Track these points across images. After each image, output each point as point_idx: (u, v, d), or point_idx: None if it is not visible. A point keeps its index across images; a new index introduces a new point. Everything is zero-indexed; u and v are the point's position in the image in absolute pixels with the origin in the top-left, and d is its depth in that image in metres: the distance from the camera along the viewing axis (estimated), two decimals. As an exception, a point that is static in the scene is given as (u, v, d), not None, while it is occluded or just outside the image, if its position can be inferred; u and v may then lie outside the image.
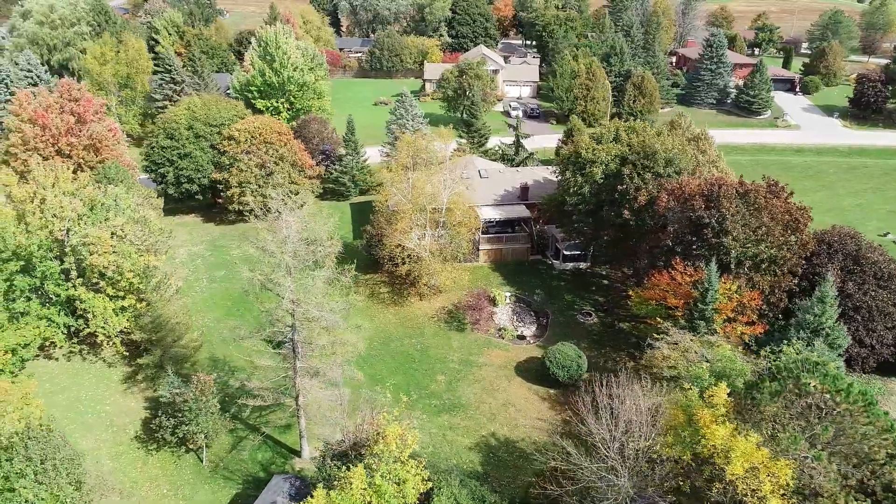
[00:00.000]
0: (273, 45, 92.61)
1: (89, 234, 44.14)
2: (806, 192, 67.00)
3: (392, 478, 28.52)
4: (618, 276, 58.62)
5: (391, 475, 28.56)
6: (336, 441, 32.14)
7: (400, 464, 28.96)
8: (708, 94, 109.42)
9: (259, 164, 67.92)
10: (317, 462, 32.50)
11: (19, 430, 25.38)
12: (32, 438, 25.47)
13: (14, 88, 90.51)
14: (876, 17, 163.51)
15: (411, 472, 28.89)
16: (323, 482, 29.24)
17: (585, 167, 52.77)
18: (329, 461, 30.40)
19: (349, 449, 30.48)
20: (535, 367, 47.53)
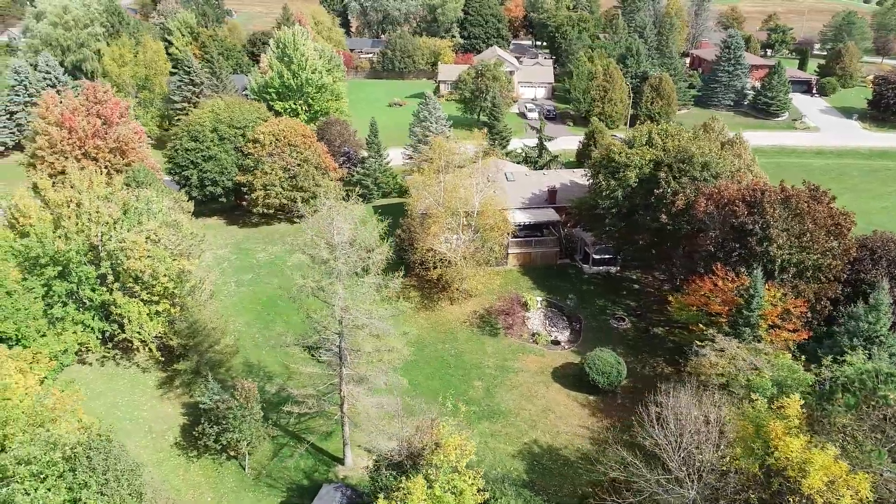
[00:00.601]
0: (291, 46, 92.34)
1: (126, 238, 43.85)
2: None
3: (450, 488, 28.26)
4: (648, 281, 58.44)
5: (449, 485, 28.30)
6: (389, 450, 31.80)
7: (458, 474, 28.70)
8: (725, 95, 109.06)
9: (283, 166, 67.68)
10: (369, 471, 32.16)
11: (82, 440, 25.06)
12: (94, 448, 25.16)
13: (32, 90, 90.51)
14: (888, 18, 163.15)
15: (468, 482, 28.62)
16: (381, 492, 28.92)
17: (619, 171, 52.43)
18: (385, 471, 30.06)
19: (405, 458, 30.15)
20: (572, 372, 47.22)
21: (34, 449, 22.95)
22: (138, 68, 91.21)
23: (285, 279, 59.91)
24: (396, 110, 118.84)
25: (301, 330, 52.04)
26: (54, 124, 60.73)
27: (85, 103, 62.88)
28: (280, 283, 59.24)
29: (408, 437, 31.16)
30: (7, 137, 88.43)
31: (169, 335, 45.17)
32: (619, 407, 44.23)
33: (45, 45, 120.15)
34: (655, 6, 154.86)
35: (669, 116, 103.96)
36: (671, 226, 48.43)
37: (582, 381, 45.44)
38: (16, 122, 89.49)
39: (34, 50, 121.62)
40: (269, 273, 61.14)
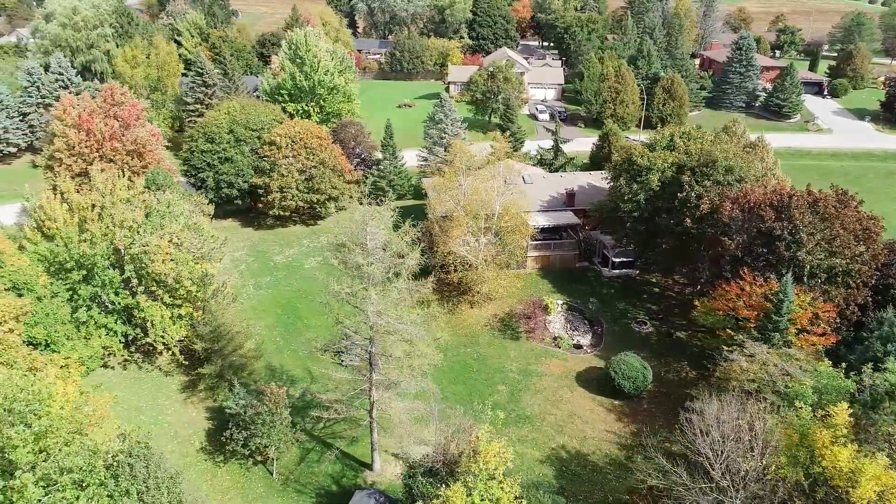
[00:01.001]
0: (303, 48, 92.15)
1: (149, 242, 43.72)
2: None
3: (488, 496, 28.06)
4: (668, 285, 58.23)
5: (487, 493, 28.10)
6: (423, 456, 31.63)
7: (495, 482, 28.49)
8: (737, 97, 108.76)
9: (300, 169, 67.55)
10: (404, 477, 31.97)
11: (123, 447, 24.88)
12: (135, 456, 24.99)
13: (45, 91, 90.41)
14: (892, 19, 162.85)
15: (506, 491, 28.42)
16: (417, 500, 28.75)
17: (641, 174, 52.22)
18: (421, 477, 29.88)
19: (442, 465, 29.97)
20: (596, 377, 47.04)
21: (77, 458, 22.77)
22: (150, 70, 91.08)
23: (304, 282, 60.06)
24: (406, 111, 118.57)
25: (322, 333, 52.24)
26: (72, 126, 60.60)
27: (102, 105, 62.73)
28: (299, 286, 59.27)
29: (443, 444, 30.96)
30: (20, 139, 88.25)
31: (193, 339, 45.03)
32: (646, 412, 44.06)
33: (54, 46, 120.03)
34: (664, 7, 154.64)
35: (681, 118, 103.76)
36: (695, 230, 48.19)
37: (607, 386, 45.26)
38: (28, 123, 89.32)
39: (44, 51, 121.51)
40: (288, 276, 61.03)
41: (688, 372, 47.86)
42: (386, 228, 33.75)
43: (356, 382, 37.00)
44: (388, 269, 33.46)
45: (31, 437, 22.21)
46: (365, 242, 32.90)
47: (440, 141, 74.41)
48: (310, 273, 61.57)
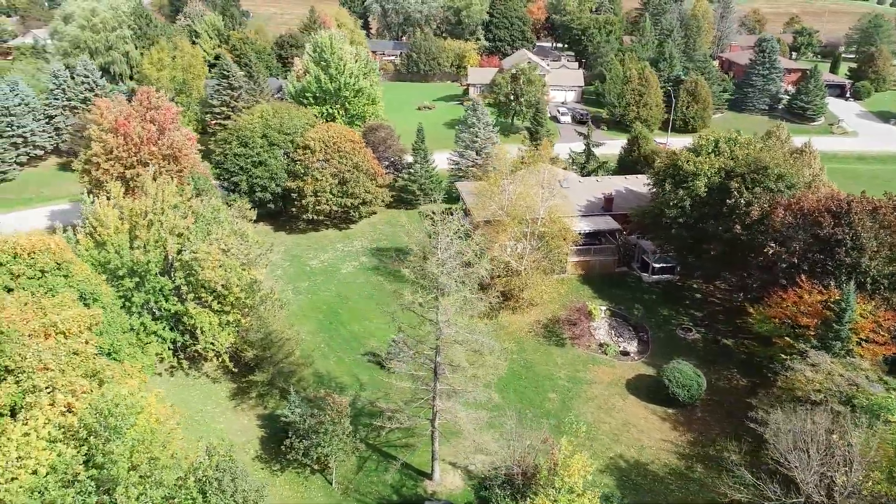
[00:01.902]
0: (328, 50, 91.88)
1: (200, 248, 43.45)
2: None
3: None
4: (710, 291, 57.88)
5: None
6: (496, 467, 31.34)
7: (576, 495, 28.22)
8: (760, 99, 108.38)
9: (334, 173, 67.30)
10: (477, 489, 31.67)
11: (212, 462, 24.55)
12: (222, 469, 24.70)
13: (71, 94, 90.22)
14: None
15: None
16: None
17: (686, 180, 51.89)
18: (498, 490, 29.58)
19: (519, 476, 29.68)
20: (646, 384, 46.73)
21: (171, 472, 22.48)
22: (176, 72, 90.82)
23: (342, 286, 59.81)
24: (426, 114, 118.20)
25: (367, 340, 52.09)
26: (109, 131, 60.31)
27: (138, 109, 62.45)
28: (338, 291, 59.02)
29: (519, 455, 30.67)
30: (46, 141, 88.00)
31: (244, 346, 44.77)
32: (700, 421, 43.73)
33: (73, 48, 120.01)
34: (680, 8, 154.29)
35: (705, 121, 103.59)
36: (745, 236, 47.86)
37: (659, 394, 44.92)
38: (54, 126, 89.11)
39: (62, 52, 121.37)
40: (325, 281, 60.75)
41: (738, 380, 47.55)
42: (456, 237, 33.28)
43: (418, 392, 36.69)
44: (460, 278, 33.09)
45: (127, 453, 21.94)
46: (437, 252, 32.46)
47: (472, 144, 74.09)
48: (347, 278, 61.34)
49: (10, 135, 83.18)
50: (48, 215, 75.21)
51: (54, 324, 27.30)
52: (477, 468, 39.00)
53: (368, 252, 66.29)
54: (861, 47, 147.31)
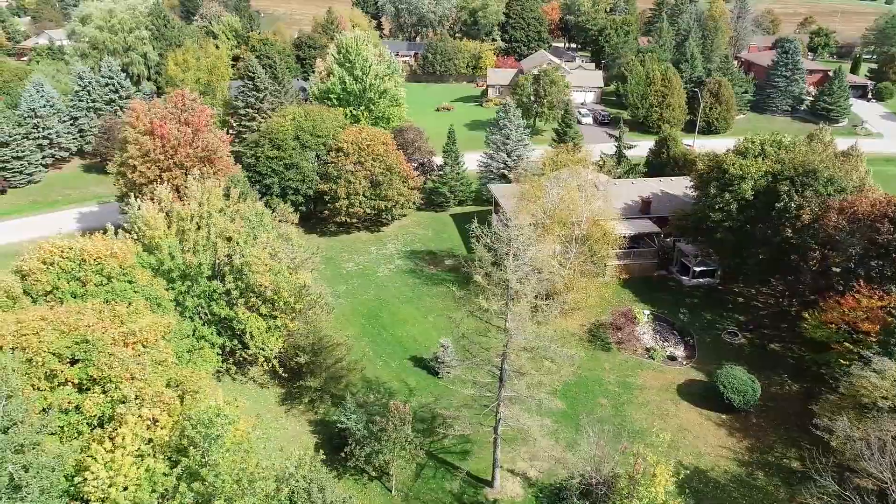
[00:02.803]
0: (354, 51, 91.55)
1: (252, 252, 43.11)
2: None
3: (656, 520, 27.47)
4: (752, 294, 57.50)
5: (655, 518, 27.51)
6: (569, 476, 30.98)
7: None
8: (783, 101, 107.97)
9: (367, 175, 66.96)
10: (550, 497, 31.30)
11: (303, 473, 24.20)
12: (307, 479, 24.34)
13: (95, 95, 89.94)
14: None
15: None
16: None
17: (732, 183, 51.51)
18: (576, 500, 29.23)
19: (600, 486, 29.31)
20: (698, 389, 46.36)
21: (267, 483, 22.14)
22: (201, 73, 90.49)
23: (381, 290, 59.47)
24: (445, 115, 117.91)
25: (411, 344, 51.73)
26: (145, 133, 59.95)
27: (173, 111, 62.11)
28: (376, 295, 58.67)
29: (596, 464, 30.31)
30: (70, 143, 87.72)
31: (296, 351, 44.42)
32: (756, 427, 43.32)
33: (91, 49, 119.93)
34: (696, 9, 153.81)
35: (728, 122, 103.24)
36: (795, 240, 47.48)
37: (712, 399, 44.54)
38: (78, 127, 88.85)
39: (80, 53, 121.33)
40: (362, 284, 60.40)
41: (789, 385, 47.14)
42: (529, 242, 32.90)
43: (481, 398, 36.33)
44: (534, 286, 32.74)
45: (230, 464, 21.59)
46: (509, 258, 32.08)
47: (504, 147, 73.73)
48: (384, 281, 60.98)
49: (36, 136, 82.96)
50: (77, 217, 74.93)
51: (133, 332, 26.93)
52: (536, 475, 38.75)
53: (403, 255, 65.93)
54: (879, 48, 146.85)
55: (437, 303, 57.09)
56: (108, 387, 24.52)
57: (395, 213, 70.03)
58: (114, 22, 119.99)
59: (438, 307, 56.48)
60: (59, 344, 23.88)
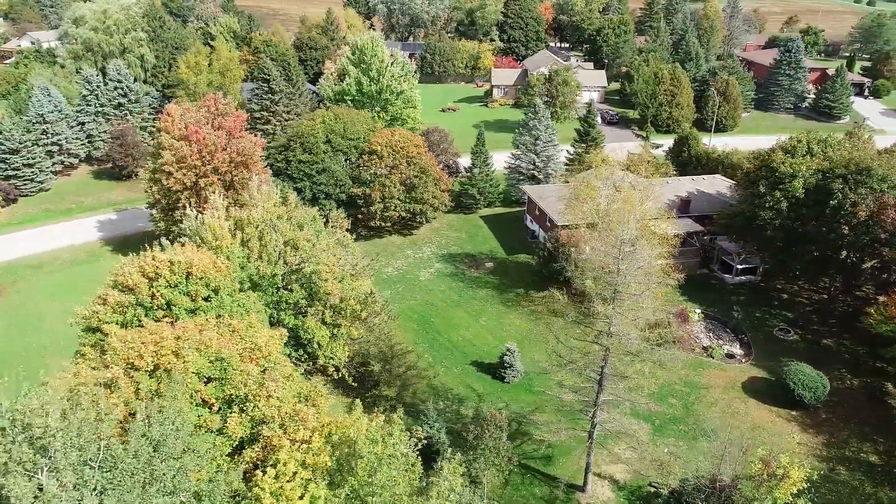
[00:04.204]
0: (369, 52, 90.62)
1: (321, 260, 42.19)
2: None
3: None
4: (795, 291, 58.28)
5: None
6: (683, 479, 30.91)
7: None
8: (786, 98, 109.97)
9: (402, 178, 66.26)
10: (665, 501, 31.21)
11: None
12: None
13: (104, 99, 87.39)
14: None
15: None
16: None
17: (782, 181, 52.13)
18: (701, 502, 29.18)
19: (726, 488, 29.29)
20: (762, 387, 46.78)
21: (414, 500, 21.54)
22: (213, 76, 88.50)
23: (426, 294, 58.89)
24: (450, 115, 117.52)
25: (466, 348, 51.26)
26: (180, 138, 58.35)
27: (206, 115, 60.58)
28: (423, 299, 58.05)
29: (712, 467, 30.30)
30: (79, 149, 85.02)
31: (364, 359, 43.62)
32: (827, 422, 43.86)
33: (85, 51, 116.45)
34: (689, 9, 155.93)
35: (735, 120, 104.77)
36: (851, 237, 48.22)
37: (778, 396, 45.02)
38: (87, 133, 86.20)
39: (74, 56, 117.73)
40: (407, 289, 59.69)
41: (850, 380, 47.83)
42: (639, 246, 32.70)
43: (576, 403, 36.11)
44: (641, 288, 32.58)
45: (399, 482, 20.94)
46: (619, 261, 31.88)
47: (533, 147, 73.57)
48: (428, 285, 60.36)
49: (45, 143, 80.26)
50: (96, 226, 72.74)
51: (258, 347, 25.96)
52: (624, 478, 38.69)
53: (441, 258, 65.36)
54: (865, 47, 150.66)
55: (487, 306, 56.72)
56: (245, 406, 23.54)
57: (428, 216, 69.39)
58: (109, 23, 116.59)
59: (489, 311, 56.15)
60: (200, 363, 22.85)
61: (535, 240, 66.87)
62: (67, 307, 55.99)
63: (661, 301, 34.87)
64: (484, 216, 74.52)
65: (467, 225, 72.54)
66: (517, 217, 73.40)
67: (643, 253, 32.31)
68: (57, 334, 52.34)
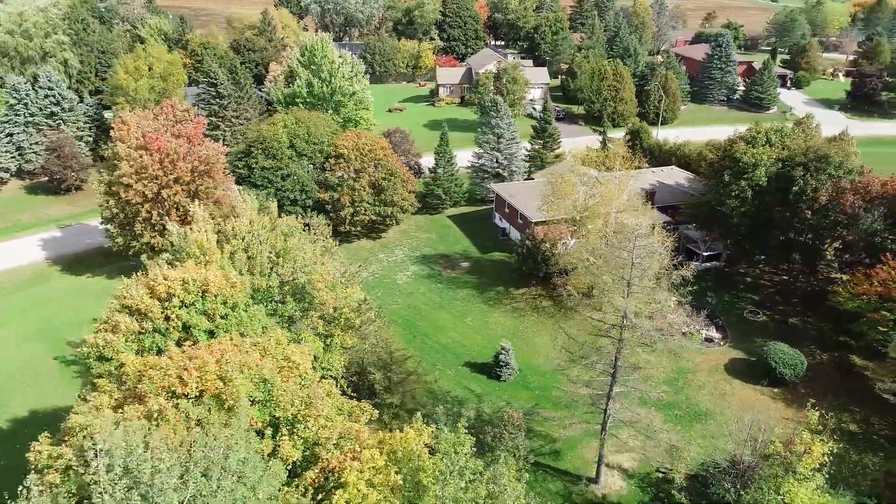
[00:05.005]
0: (319, 53, 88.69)
1: (315, 270, 40.96)
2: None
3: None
4: (756, 274, 61.35)
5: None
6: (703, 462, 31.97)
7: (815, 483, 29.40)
8: (719, 91, 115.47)
9: (371, 181, 65.26)
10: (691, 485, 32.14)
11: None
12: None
13: (34, 108, 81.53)
14: (813, 16, 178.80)
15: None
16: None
17: (746, 171, 54.71)
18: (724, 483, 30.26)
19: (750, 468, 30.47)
20: (743, 367, 48.97)
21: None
22: (154, 81, 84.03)
23: (406, 298, 58.29)
24: (397, 115, 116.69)
25: (457, 350, 51.10)
26: (138, 148, 55.16)
27: (165, 123, 57.57)
28: (405, 303, 57.44)
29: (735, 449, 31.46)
30: (10, 163, 78.89)
31: (361, 368, 42.64)
32: (806, 397, 46.26)
33: (1, 56, 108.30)
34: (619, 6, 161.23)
35: (675, 113, 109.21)
36: (813, 221, 51.19)
37: (759, 375, 47.26)
38: (16, 144, 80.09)
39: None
40: (387, 293, 58.84)
41: (820, 356, 50.68)
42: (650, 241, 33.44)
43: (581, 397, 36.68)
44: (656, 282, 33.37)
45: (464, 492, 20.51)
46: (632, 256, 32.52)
47: (497, 146, 74.06)
48: (408, 289, 59.76)
49: (-28, 157, 74.18)
50: (39, 245, 67.87)
51: (296, 363, 24.78)
52: (632, 466, 39.65)
53: (415, 260, 64.82)
54: (780, 40, 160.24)
55: (470, 306, 56.72)
56: (295, 428, 22.41)
57: (398, 219, 68.64)
58: (27, 26, 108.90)
59: (473, 311, 56.17)
60: (247, 386, 21.56)
61: (507, 237, 67.41)
62: (25, 332, 52.43)
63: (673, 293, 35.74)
64: (451, 216, 74.42)
65: (436, 225, 72.24)
66: (484, 215, 73.72)
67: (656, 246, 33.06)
68: (12, 363, 48.70)
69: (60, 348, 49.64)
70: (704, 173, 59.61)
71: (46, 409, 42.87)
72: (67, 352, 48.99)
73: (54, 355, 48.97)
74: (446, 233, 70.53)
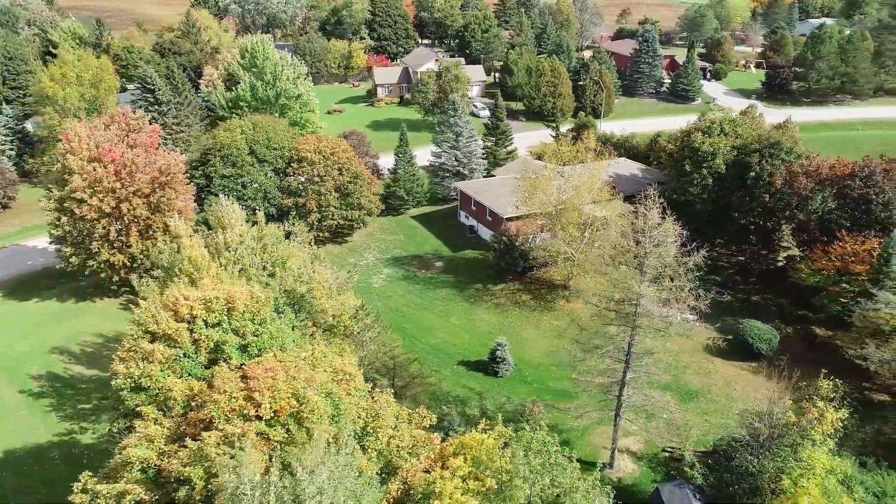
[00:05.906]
0: (260, 54, 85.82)
1: (314, 278, 39.90)
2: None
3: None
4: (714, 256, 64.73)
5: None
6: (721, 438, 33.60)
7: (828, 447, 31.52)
8: (648, 84, 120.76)
9: (336, 185, 64.02)
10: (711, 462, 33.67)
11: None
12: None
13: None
14: (718, 11, 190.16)
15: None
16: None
17: (705, 160, 57.69)
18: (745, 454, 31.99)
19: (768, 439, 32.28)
20: (720, 345, 51.69)
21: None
22: (84, 88, 78.47)
23: (387, 301, 57.82)
24: (337, 117, 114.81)
25: (448, 350, 51.08)
26: (90, 160, 51.54)
27: (118, 133, 54.07)
28: (386, 306, 56.88)
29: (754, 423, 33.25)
30: (-76, 182, 71.59)
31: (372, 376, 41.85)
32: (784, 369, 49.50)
33: None
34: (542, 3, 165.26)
35: (610, 106, 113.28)
36: (771, 204, 54.69)
37: (737, 352, 50.08)
38: (-71, 162, 72.75)
39: None
40: (365, 298, 57.29)
41: (785, 329, 54.18)
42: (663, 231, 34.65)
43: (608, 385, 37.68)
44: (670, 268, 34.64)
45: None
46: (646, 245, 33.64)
47: (455, 144, 74.31)
48: (385, 292, 59.14)
49: None
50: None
51: (349, 374, 23.92)
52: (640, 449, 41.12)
53: (387, 263, 64.14)
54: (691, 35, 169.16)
55: (453, 305, 56.80)
56: (366, 440, 21.67)
57: (365, 222, 67.65)
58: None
59: (456, 310, 56.30)
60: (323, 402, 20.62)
61: (476, 235, 67.84)
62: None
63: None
64: (415, 216, 74.06)
65: (401, 226, 71.70)
66: (448, 214, 73.86)
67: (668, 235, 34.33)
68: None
69: (23, 381, 45.72)
70: (664, 163, 62.27)
71: (25, 447, 39.40)
72: (33, 385, 45.25)
73: (18, 389, 45.00)
74: (413, 233, 70.16)
